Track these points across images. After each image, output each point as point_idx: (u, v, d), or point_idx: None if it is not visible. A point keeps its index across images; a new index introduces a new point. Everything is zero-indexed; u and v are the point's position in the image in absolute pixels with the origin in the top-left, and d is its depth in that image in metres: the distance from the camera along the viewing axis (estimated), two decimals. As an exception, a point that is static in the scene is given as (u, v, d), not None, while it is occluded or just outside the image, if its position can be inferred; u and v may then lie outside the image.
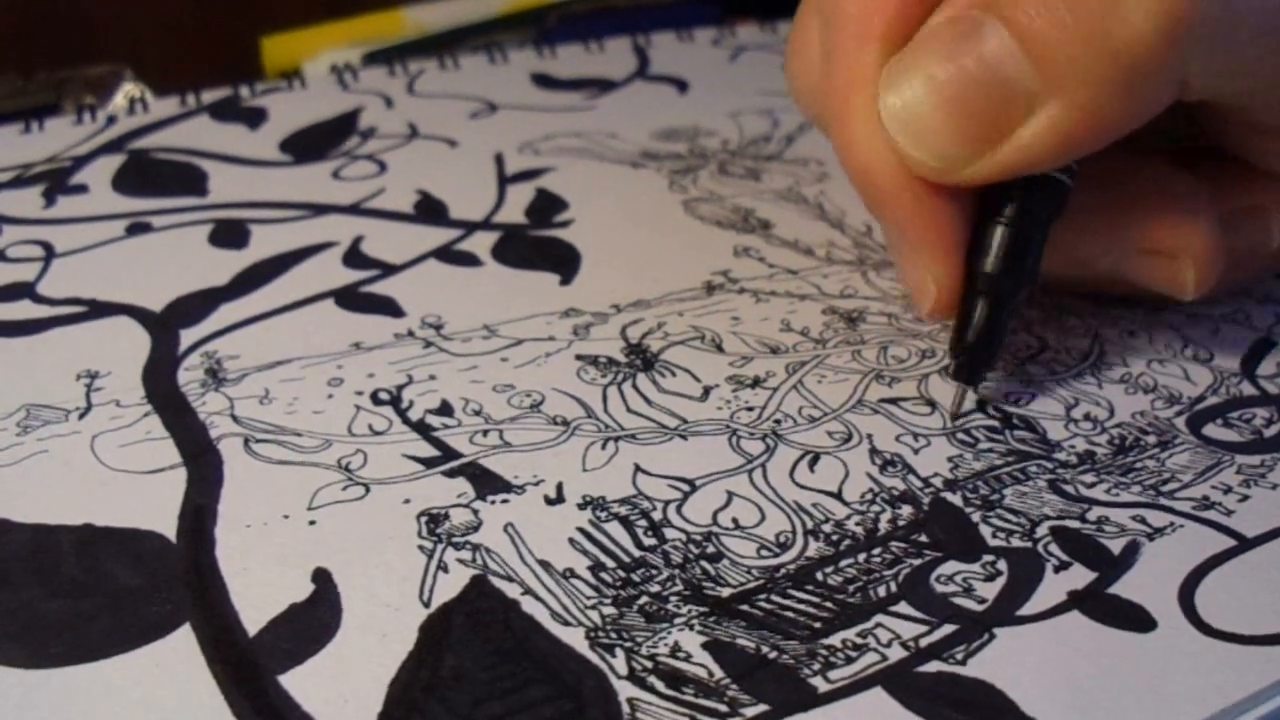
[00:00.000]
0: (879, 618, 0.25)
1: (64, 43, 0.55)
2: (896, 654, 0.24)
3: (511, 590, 0.25)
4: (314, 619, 0.25)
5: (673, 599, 0.25)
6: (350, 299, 0.35)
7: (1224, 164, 0.32)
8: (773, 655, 0.24)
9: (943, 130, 0.27)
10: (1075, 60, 0.26)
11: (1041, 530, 0.27)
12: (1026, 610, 0.25)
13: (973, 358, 0.30)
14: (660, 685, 0.23)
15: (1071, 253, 0.31)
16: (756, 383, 0.32)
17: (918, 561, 0.26)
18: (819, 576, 0.26)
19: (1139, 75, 0.26)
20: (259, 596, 0.25)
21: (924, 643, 0.24)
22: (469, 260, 0.38)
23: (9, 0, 0.54)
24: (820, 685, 0.23)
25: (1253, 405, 0.31)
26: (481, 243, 0.39)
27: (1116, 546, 0.26)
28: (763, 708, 0.23)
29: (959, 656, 0.24)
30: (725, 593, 0.25)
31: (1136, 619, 0.25)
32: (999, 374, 0.32)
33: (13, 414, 0.30)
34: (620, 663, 0.23)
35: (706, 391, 0.32)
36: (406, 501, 0.28)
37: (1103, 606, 0.25)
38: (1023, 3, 0.26)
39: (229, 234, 0.39)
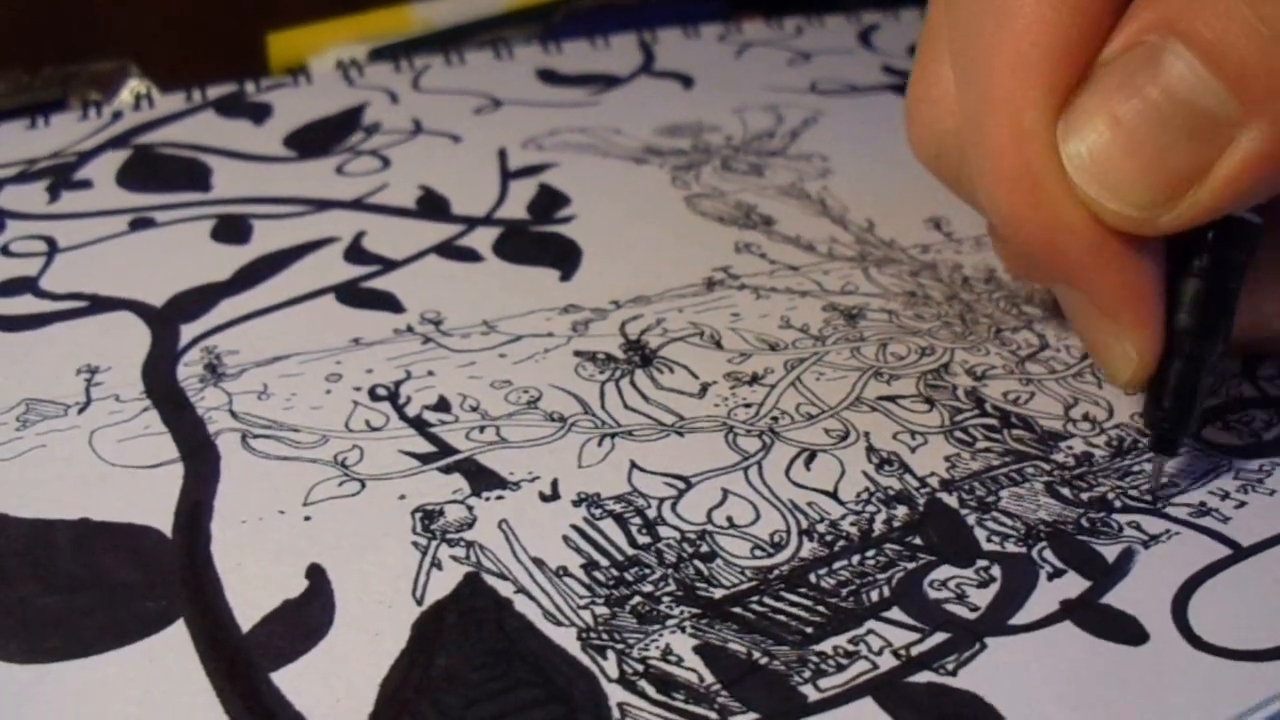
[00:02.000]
0: (871, 624, 0.25)
1: (70, 39, 0.55)
2: (887, 662, 0.24)
3: (504, 589, 0.25)
4: (308, 615, 0.25)
5: (665, 600, 0.25)
6: (351, 294, 0.36)
7: None
8: (764, 661, 0.24)
9: (1138, 175, 0.24)
10: (1276, 75, 0.23)
11: (1036, 537, 0.27)
12: (1019, 619, 0.25)
13: (1173, 425, 0.27)
14: (651, 690, 0.23)
15: (1258, 311, 0.28)
16: (754, 379, 0.32)
17: (911, 565, 0.26)
18: (812, 579, 0.26)
19: None
20: (253, 592, 0.25)
21: (915, 651, 0.24)
22: (470, 256, 0.38)
23: (16, -5, 0.55)
24: (810, 694, 0.23)
25: (1252, 407, 0.31)
26: (483, 238, 0.39)
27: (1111, 553, 0.26)
28: (752, 716, 0.22)
29: (950, 667, 0.24)
30: (718, 594, 0.25)
31: (1129, 631, 0.24)
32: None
33: (12, 408, 0.30)
34: (611, 665, 0.23)
35: (704, 388, 0.32)
36: (402, 498, 0.28)
37: (1095, 617, 0.25)
38: (1205, 17, 0.23)
39: (231, 229, 0.39)
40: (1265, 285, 0.28)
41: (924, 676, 0.23)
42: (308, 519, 0.27)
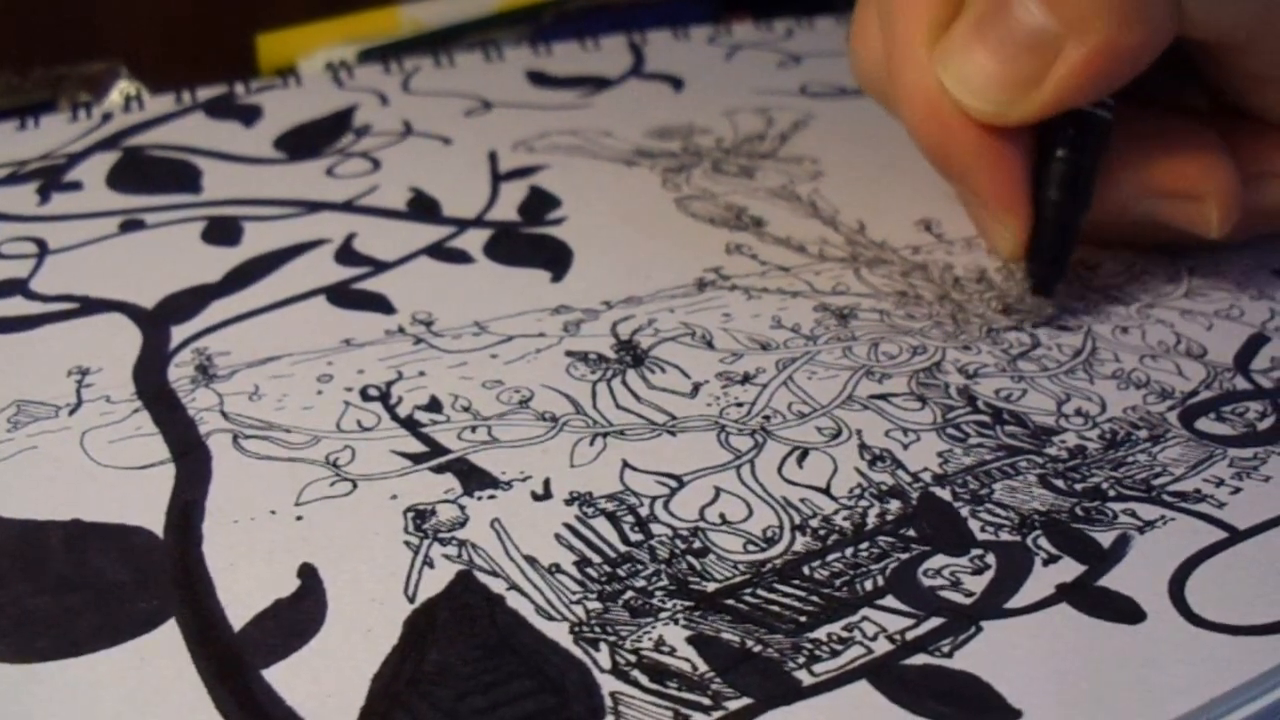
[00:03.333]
0: (865, 611, 0.25)
1: (60, 40, 0.55)
2: (882, 647, 0.24)
3: (497, 585, 0.25)
4: (299, 614, 0.25)
5: (658, 594, 0.25)
6: (342, 296, 0.35)
7: (1242, 126, 0.35)
8: (757, 649, 0.24)
9: (994, 80, 0.32)
10: (1082, 4, 0.30)
11: (1030, 526, 0.27)
12: (1014, 603, 0.25)
13: (1048, 271, 0.34)
14: (644, 679, 0.23)
15: (1111, 198, 0.34)
16: (746, 379, 0.32)
17: (905, 556, 0.26)
18: (805, 571, 0.26)
19: (1138, 7, 0.30)
20: (245, 592, 0.25)
21: (910, 636, 0.24)
22: (461, 257, 0.38)
23: (6, -2, 0.54)
24: (804, 678, 0.23)
25: (1246, 399, 0.31)
26: (474, 240, 0.39)
27: (1106, 540, 0.26)
28: (746, 701, 0.22)
29: (945, 649, 0.24)
30: (711, 587, 0.25)
31: (1125, 611, 0.25)
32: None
33: (3, 410, 0.30)
34: (604, 657, 0.23)
35: (696, 388, 0.32)
36: (394, 497, 0.28)
37: (1091, 599, 0.25)
38: None
39: (222, 231, 0.39)
40: (1122, 171, 0.34)
41: (919, 659, 0.23)
42: (299, 519, 0.27)
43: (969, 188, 0.34)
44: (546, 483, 0.28)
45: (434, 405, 0.31)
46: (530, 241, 0.39)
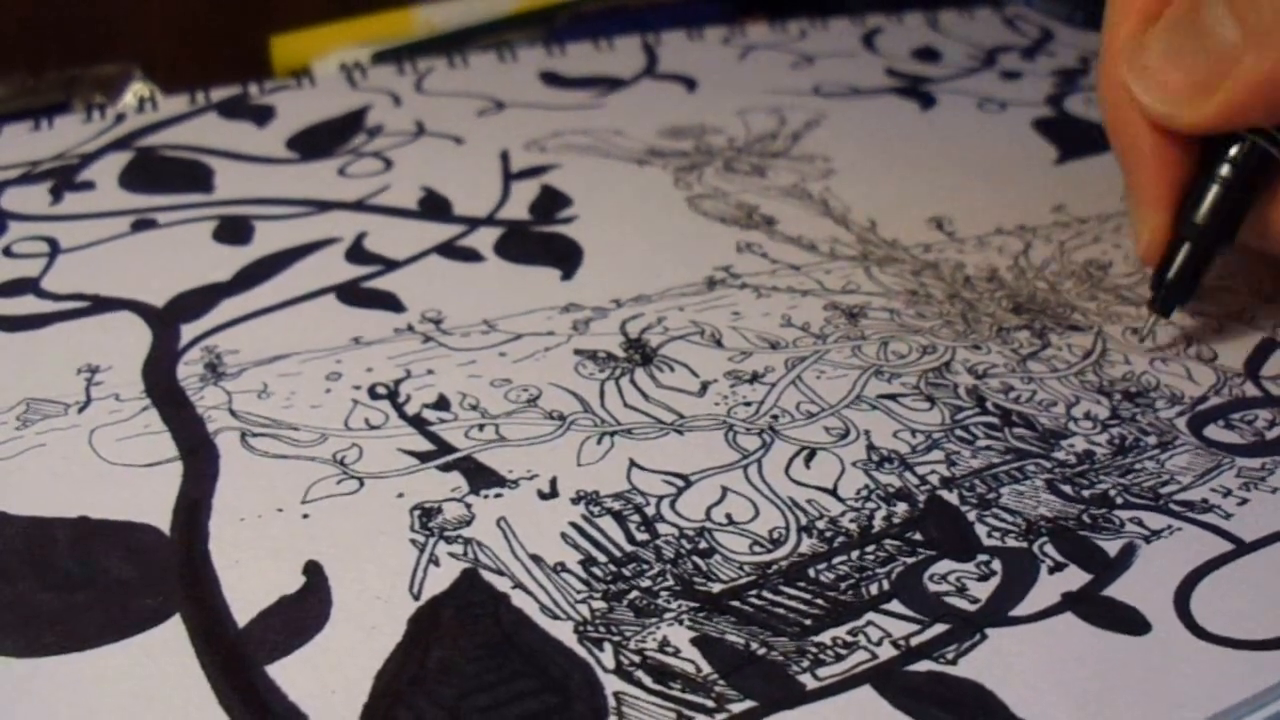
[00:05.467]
0: (870, 616, 0.24)
1: (74, 42, 0.55)
2: (886, 652, 0.24)
3: (502, 584, 0.25)
4: (304, 611, 0.25)
5: (663, 594, 0.25)
6: (352, 294, 0.36)
7: None
8: (761, 652, 0.24)
9: (1169, 83, 0.32)
10: (1268, 18, 0.30)
11: (1037, 532, 0.27)
12: (1019, 611, 0.25)
13: (1170, 293, 0.33)
14: (647, 680, 0.23)
15: (1268, 225, 0.33)
16: (755, 378, 0.32)
17: (911, 560, 0.26)
18: (811, 573, 0.26)
19: None
20: (250, 589, 0.25)
21: (915, 642, 0.24)
22: (471, 256, 0.38)
23: (20, -1, 0.55)
24: (808, 682, 0.23)
25: (1255, 407, 0.31)
26: (484, 238, 0.39)
27: (1113, 548, 0.26)
28: (749, 704, 0.22)
29: (949, 656, 0.23)
30: (716, 588, 0.25)
31: (1130, 621, 0.24)
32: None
33: (13, 408, 0.30)
34: (608, 657, 0.23)
35: (704, 387, 0.32)
36: (400, 496, 0.28)
37: (1097, 608, 0.25)
38: None
39: (233, 230, 0.39)
40: (1277, 208, 0.33)
41: (923, 665, 0.23)
42: (306, 517, 0.27)
43: (1131, 180, 0.34)
44: (553, 481, 0.28)
45: (442, 403, 0.31)
46: (541, 240, 0.39)
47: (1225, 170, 0.32)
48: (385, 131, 0.46)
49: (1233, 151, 0.32)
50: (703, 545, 0.26)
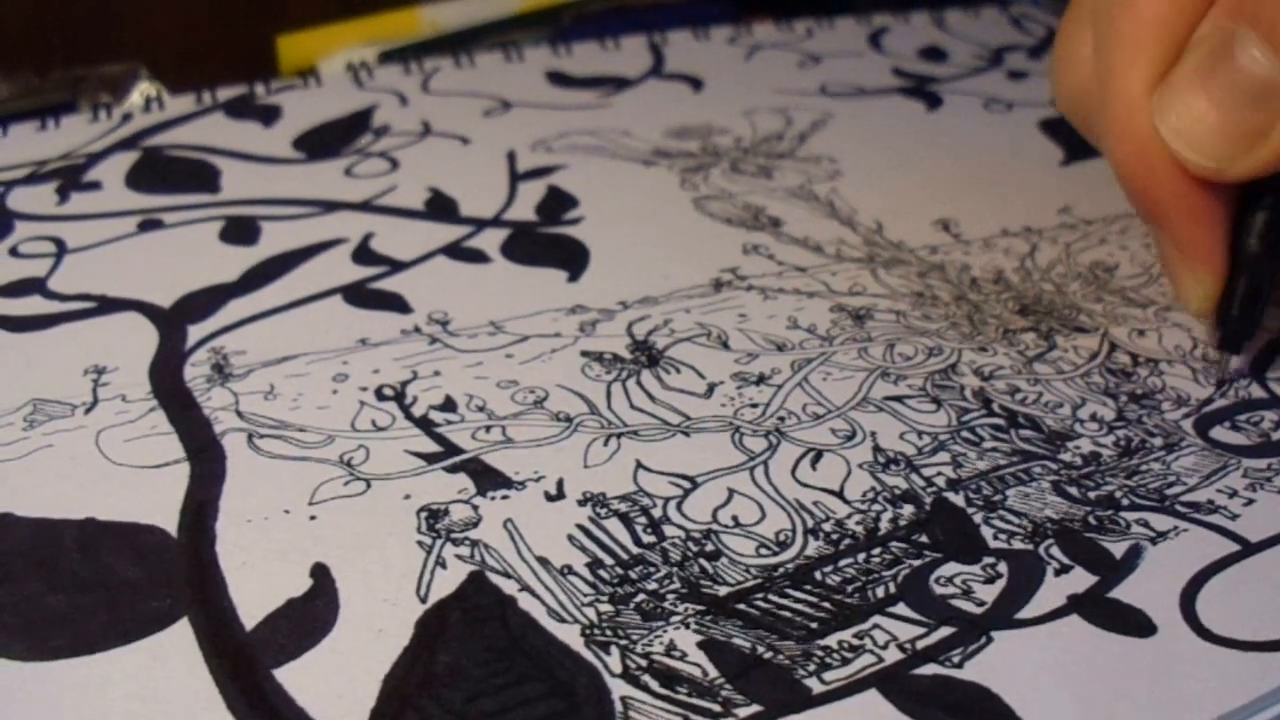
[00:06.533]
0: (876, 619, 0.24)
1: (80, 41, 0.55)
2: (893, 656, 0.24)
3: (509, 586, 0.25)
4: (311, 614, 0.25)
5: (670, 597, 0.25)
6: (358, 295, 0.36)
7: None
8: (768, 655, 0.24)
9: (1215, 135, 0.30)
10: None
11: (1043, 534, 0.27)
12: (1025, 613, 0.25)
13: (1237, 328, 0.32)
14: (654, 684, 0.23)
15: None
16: (761, 380, 0.32)
17: (917, 562, 0.26)
18: (817, 576, 0.26)
19: None
20: (257, 591, 0.25)
21: (920, 645, 0.24)
22: (478, 257, 0.38)
23: (27, -2, 0.55)
24: (815, 686, 0.23)
25: (1261, 408, 0.31)
26: (491, 239, 0.39)
27: (1119, 550, 0.26)
28: (756, 708, 0.22)
29: (955, 659, 0.23)
30: (723, 591, 0.25)
31: (1136, 623, 0.24)
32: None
33: (20, 409, 0.30)
34: (615, 661, 0.23)
35: (711, 388, 0.32)
36: (407, 497, 0.28)
37: (1103, 610, 0.25)
38: (1267, 6, 0.29)
39: (240, 231, 0.39)
40: None
41: (929, 669, 0.23)
42: (313, 518, 0.27)
43: (1168, 235, 0.32)
44: (560, 483, 0.28)
45: (449, 405, 0.31)
46: (547, 241, 0.39)
47: (1269, 200, 0.31)
48: (392, 131, 0.46)
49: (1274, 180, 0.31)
50: (709, 548, 0.26)
